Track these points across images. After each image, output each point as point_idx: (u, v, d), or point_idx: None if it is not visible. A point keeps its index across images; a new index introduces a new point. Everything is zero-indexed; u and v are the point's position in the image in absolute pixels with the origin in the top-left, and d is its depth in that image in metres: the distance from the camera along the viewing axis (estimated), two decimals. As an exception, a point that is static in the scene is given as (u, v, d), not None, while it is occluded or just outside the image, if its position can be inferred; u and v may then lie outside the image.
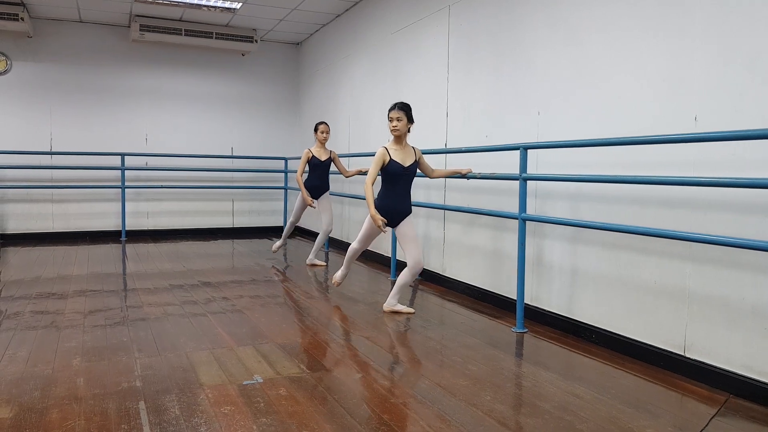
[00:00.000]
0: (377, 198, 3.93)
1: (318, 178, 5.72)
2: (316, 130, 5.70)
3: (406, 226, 3.93)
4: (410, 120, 3.88)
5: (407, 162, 3.89)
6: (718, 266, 2.77)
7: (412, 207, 4.06)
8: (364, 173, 5.55)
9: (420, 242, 4.03)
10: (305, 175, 5.78)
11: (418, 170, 4.05)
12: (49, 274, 5.34)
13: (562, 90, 3.72)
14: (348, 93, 7.10)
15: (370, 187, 3.81)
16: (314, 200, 5.66)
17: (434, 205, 4.86)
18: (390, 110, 3.87)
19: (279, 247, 6.32)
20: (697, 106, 2.86)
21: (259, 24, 7.83)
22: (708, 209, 2.80)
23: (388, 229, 3.90)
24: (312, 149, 5.71)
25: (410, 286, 5.03)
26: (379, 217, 3.76)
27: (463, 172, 4.08)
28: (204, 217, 8.62)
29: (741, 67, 2.65)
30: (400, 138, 3.89)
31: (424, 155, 4.36)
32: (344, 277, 4.44)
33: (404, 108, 3.86)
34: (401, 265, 4.44)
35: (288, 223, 6.08)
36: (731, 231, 2.68)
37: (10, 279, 5.09)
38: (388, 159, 3.83)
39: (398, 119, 3.82)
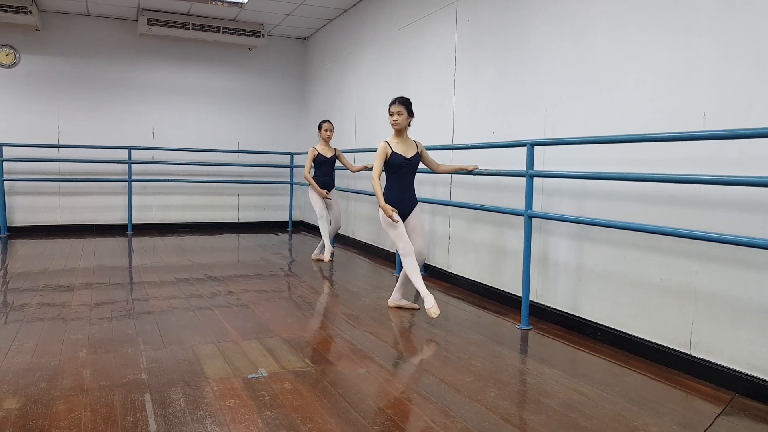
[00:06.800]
0: (384, 193, 3.95)
1: (324, 174, 5.85)
2: (320, 128, 5.83)
3: (414, 218, 3.97)
4: (410, 114, 3.93)
5: (409, 153, 3.94)
6: (725, 264, 2.75)
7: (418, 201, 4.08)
8: (370, 168, 5.57)
9: (426, 235, 4.08)
10: (312, 172, 5.88)
11: (422, 164, 4.07)
12: (56, 266, 5.37)
13: (569, 87, 3.70)
14: (354, 88, 7.09)
15: (378, 181, 3.85)
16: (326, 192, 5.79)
17: (440, 201, 4.86)
18: (390, 105, 3.92)
19: (330, 253, 5.77)
20: (705, 104, 2.84)
21: (266, 18, 7.83)
22: (715, 207, 2.78)
23: (401, 221, 3.92)
24: (317, 147, 5.83)
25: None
26: (389, 207, 3.79)
27: (470, 168, 4.08)
28: (210, 212, 8.63)
29: (749, 64, 2.63)
30: (401, 131, 3.94)
31: (430, 151, 4.36)
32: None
33: (404, 102, 3.90)
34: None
35: (321, 227, 5.79)
36: (738, 229, 2.67)
37: (17, 271, 5.12)
38: (390, 152, 3.88)
39: (399, 113, 3.87)
